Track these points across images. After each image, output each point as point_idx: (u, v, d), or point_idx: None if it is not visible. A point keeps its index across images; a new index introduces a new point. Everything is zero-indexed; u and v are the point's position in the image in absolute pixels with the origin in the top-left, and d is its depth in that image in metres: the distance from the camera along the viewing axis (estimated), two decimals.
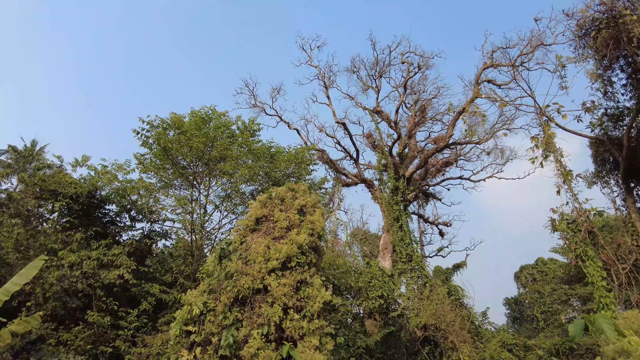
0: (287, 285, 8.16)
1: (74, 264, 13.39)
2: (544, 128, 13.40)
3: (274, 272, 8.44)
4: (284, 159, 16.36)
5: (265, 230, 9.61)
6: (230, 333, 7.35)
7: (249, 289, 8.05)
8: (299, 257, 8.88)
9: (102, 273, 13.79)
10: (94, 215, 15.85)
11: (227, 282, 8.20)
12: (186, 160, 15.98)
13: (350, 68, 36.65)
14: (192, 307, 8.08)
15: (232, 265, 8.38)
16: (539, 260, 47.40)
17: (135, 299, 14.59)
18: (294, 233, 9.07)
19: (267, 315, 7.68)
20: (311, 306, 8.08)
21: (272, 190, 10.44)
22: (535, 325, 42.60)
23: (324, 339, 7.80)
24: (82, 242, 14.50)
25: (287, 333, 7.69)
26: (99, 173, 15.69)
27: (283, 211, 9.76)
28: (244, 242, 9.55)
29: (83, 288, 13.33)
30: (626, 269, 10.59)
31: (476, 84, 30.75)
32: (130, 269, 13.99)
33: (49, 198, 14.62)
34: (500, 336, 26.89)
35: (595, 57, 12.15)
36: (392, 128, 35.55)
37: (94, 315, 12.75)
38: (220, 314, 7.76)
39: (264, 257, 8.49)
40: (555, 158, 12.78)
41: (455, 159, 37.97)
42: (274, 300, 8.00)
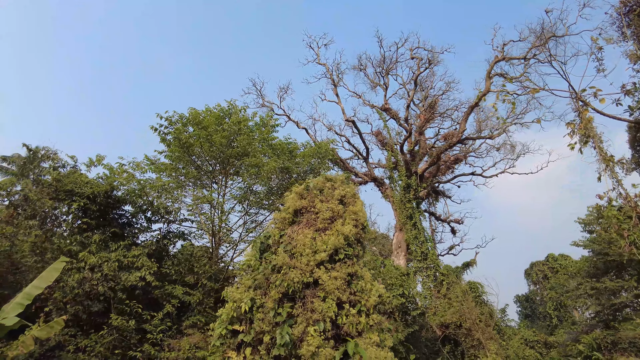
0: (338, 278, 7.61)
1: (95, 266, 12.79)
2: (581, 113, 12.86)
3: (323, 264, 7.89)
4: (307, 154, 15.83)
5: (306, 222, 9.06)
6: (286, 331, 6.78)
7: (299, 282, 7.49)
8: (346, 249, 8.34)
9: (123, 275, 13.19)
10: (110, 216, 15.26)
11: (274, 276, 7.64)
12: (206, 157, 15.40)
13: (357, 66, 36.24)
14: (238, 304, 7.50)
15: (278, 258, 7.83)
16: (549, 256, 46.95)
17: (157, 301, 13.99)
18: (339, 224, 8.53)
19: (321, 310, 7.12)
20: (366, 300, 7.53)
21: (310, 181, 9.90)
22: (549, 322, 42.13)
23: (382, 335, 7.24)
24: (101, 244, 13.91)
25: (344, 329, 7.13)
26: (115, 172, 15.10)
27: (323, 202, 9.22)
28: (283, 235, 9.00)
29: (104, 291, 12.72)
30: None
31: (488, 78, 30.36)
32: (151, 270, 13.40)
33: (65, 199, 14.03)
34: (521, 333, 26.36)
35: (637, 36, 11.68)
36: (402, 125, 35.11)
37: (118, 319, 12.13)
38: (270, 310, 7.20)
39: (311, 249, 7.94)
40: (596, 143, 12.26)
41: (465, 156, 37.54)
42: (326, 294, 7.45)
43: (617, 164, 12.09)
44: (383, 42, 35.15)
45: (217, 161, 16.12)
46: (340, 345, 6.93)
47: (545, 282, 44.93)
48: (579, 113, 12.99)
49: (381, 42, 34.20)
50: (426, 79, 36.80)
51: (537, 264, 47.12)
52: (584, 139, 12.57)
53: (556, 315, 42.01)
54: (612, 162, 11.94)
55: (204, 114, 14.97)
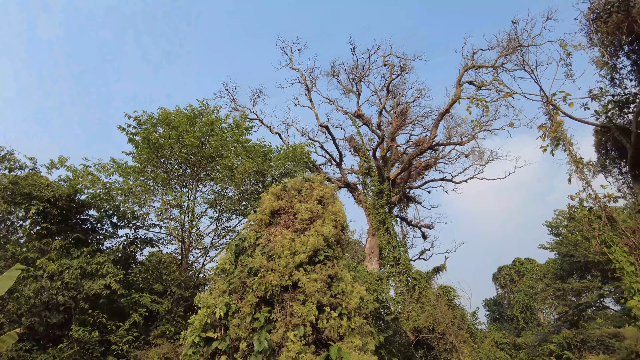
0: (318, 280, 7.31)
1: (55, 274, 11.95)
2: (552, 116, 13.18)
3: (302, 267, 7.58)
4: (282, 156, 15.49)
5: (284, 223, 8.73)
6: (264, 336, 6.41)
7: (277, 286, 7.14)
8: (325, 251, 8.07)
9: (86, 283, 12.40)
10: (73, 221, 14.38)
11: (251, 279, 7.26)
12: (177, 159, 14.79)
13: (331, 72, 36.36)
14: (212, 310, 7.07)
15: (255, 260, 7.45)
16: (516, 260, 48.28)
17: (123, 311, 13.23)
18: (318, 224, 8.26)
19: (301, 314, 6.79)
20: (347, 303, 7.26)
21: (287, 182, 9.59)
22: (516, 324, 43.20)
23: (364, 338, 6.98)
24: (62, 251, 13.06)
25: (325, 333, 6.82)
26: (79, 175, 14.27)
27: (302, 202, 8.92)
28: (260, 237, 8.64)
29: (65, 300, 11.89)
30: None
31: (458, 85, 31.04)
32: (117, 277, 12.67)
33: (23, 202, 13.11)
34: (492, 336, 26.77)
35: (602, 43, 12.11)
36: (374, 132, 35.38)
37: (79, 331, 11.34)
38: (247, 315, 6.81)
39: (290, 251, 7.61)
40: (566, 146, 12.57)
41: (435, 162, 38.16)
42: (305, 297, 7.13)
43: (586, 167, 12.38)
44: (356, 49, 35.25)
45: (188, 163, 15.56)
46: (322, 350, 6.62)
47: (513, 286, 46.11)
48: (550, 116, 13.29)
49: (354, 49, 34.34)
50: (398, 86, 37.30)
51: (505, 268, 48.34)
52: (555, 142, 12.86)
53: (523, 318, 43.15)
54: (582, 165, 12.22)
55: (175, 115, 14.40)
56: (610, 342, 13.85)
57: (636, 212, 12.31)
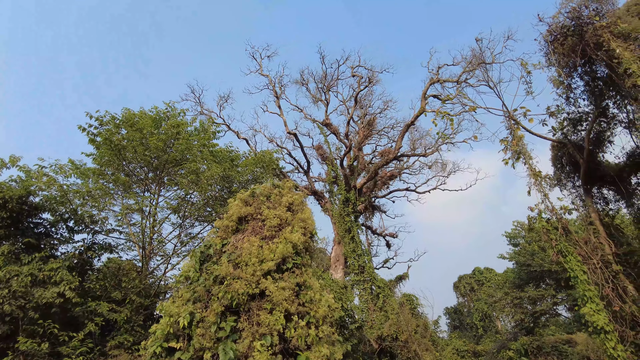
0: (286, 288, 7.20)
1: (1, 281, 11.18)
2: (514, 131, 13.70)
3: (269, 274, 7.45)
4: (250, 162, 15.26)
5: (252, 230, 8.58)
6: (229, 346, 6.22)
7: (244, 294, 6.97)
8: (294, 258, 7.98)
9: (37, 292, 11.67)
10: (24, 224, 13.56)
11: (217, 287, 7.04)
12: (139, 162, 14.25)
13: (300, 80, 36.44)
14: (175, 319, 6.80)
15: (221, 268, 7.25)
16: (475, 269, 49.77)
17: (77, 320, 12.52)
18: (287, 232, 8.16)
19: (268, 323, 6.65)
20: (315, 311, 7.18)
21: (256, 187, 9.45)
22: (475, 332, 44.41)
23: (332, 347, 6.91)
24: (10, 256, 12.25)
25: (292, 343, 6.71)
26: (33, 175, 13.49)
27: (270, 209, 8.80)
28: (227, 244, 8.44)
29: (11, 310, 11.12)
30: (599, 264, 10.94)
31: (423, 98, 31.84)
32: (72, 285, 12.00)
33: None
34: (453, 344, 27.34)
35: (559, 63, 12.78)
36: (342, 141, 35.72)
37: (27, 342, 10.62)
38: (212, 324, 6.59)
39: (257, 258, 7.47)
40: (526, 159, 13.09)
41: (400, 172, 38.91)
42: (273, 306, 6.99)
43: (544, 180, 12.92)
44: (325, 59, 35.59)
45: (151, 167, 15.04)
46: (290, 359, 6.50)
47: (473, 295, 47.46)
48: (511, 131, 13.79)
49: (323, 59, 34.64)
50: (365, 97, 37.87)
51: (465, 277, 49.70)
52: (515, 155, 13.36)
53: (482, 326, 44.42)
54: (540, 178, 12.75)
55: (139, 116, 13.91)
56: (563, 348, 14.47)
57: (587, 224, 12.99)
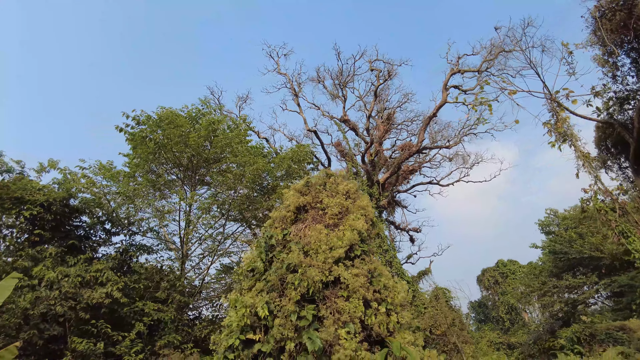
0: (360, 275, 6.98)
1: (53, 282, 11.13)
2: (557, 113, 13.33)
3: (340, 262, 7.24)
4: (285, 157, 15.08)
5: (312, 219, 8.38)
6: (315, 335, 6.01)
7: (319, 282, 6.76)
8: (361, 245, 7.77)
9: (85, 292, 11.60)
10: (66, 227, 13.53)
11: (291, 275, 6.84)
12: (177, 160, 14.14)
13: (316, 78, 36.20)
14: (251, 310, 6.61)
15: (292, 256, 7.06)
16: (499, 262, 49.09)
17: (124, 320, 12.44)
18: (351, 219, 7.94)
19: (348, 311, 6.44)
20: (392, 298, 6.95)
21: (311, 177, 9.25)
22: (501, 325, 43.81)
23: (414, 333, 6.68)
24: (57, 258, 12.22)
25: (374, 330, 6.48)
26: (73, 176, 13.46)
27: (330, 197, 8.59)
28: (287, 234, 8.25)
29: (64, 311, 11.06)
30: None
31: (444, 90, 31.49)
32: (119, 285, 11.92)
33: (12, 207, 12.22)
34: (487, 336, 26.91)
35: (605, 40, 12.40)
36: (361, 136, 35.49)
37: (82, 343, 10.55)
38: (292, 313, 6.39)
39: (327, 246, 7.26)
40: (573, 141, 12.72)
41: (420, 166, 38.52)
42: (349, 293, 6.78)
43: (593, 161, 12.53)
44: (341, 55, 35.11)
45: (190, 165, 14.88)
46: (374, 347, 6.28)
47: (497, 287, 46.81)
48: (555, 113, 13.41)
49: (339, 55, 34.30)
50: (381, 92, 37.55)
51: (488, 270, 49.05)
52: (561, 137, 12.98)
53: (508, 319, 43.81)
54: (589, 159, 12.36)
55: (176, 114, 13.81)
56: (618, 335, 14.06)
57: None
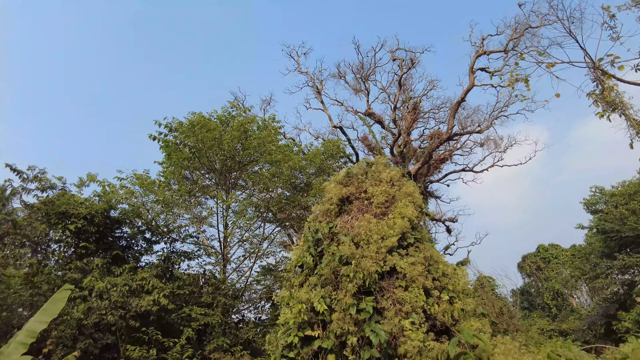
0: (417, 264, 6.65)
1: (103, 293, 11.28)
2: (602, 82, 12.55)
3: (394, 251, 6.92)
4: (317, 152, 14.87)
5: (358, 209, 8.10)
6: (378, 328, 5.73)
7: (375, 272, 6.47)
8: (412, 233, 7.42)
9: (133, 301, 11.71)
10: (109, 238, 13.75)
11: (345, 268, 6.58)
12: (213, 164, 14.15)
13: (337, 74, 35.83)
14: (307, 305, 6.39)
15: (344, 248, 6.79)
16: (540, 247, 47.38)
17: (172, 326, 12.51)
18: (400, 206, 7.61)
19: (409, 300, 6.12)
20: (453, 285, 6.59)
21: (351, 168, 8.98)
22: (548, 312, 42.17)
23: (480, 321, 6.29)
24: (103, 269, 12.41)
25: (438, 319, 6.14)
26: (111, 188, 13.66)
27: (374, 186, 8.29)
28: (332, 227, 7.99)
29: (115, 320, 11.19)
30: None
31: (471, 73, 30.55)
32: (165, 292, 11.98)
33: (58, 222, 12.49)
34: (537, 324, 25.94)
35: None
36: (387, 129, 34.90)
37: (135, 350, 10.64)
38: (350, 306, 6.13)
39: (379, 235, 6.96)
40: (624, 110, 11.95)
41: (450, 154, 37.63)
42: (407, 283, 6.46)
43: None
44: (360, 49, 34.60)
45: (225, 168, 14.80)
46: (441, 337, 5.95)
47: (540, 273, 45.19)
48: (600, 82, 12.67)
49: (358, 49, 33.82)
50: (405, 81, 36.86)
51: (529, 256, 47.41)
52: (609, 107, 12.24)
53: (554, 305, 42.17)
54: None
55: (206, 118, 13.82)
56: None
57: None
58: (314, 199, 13.50)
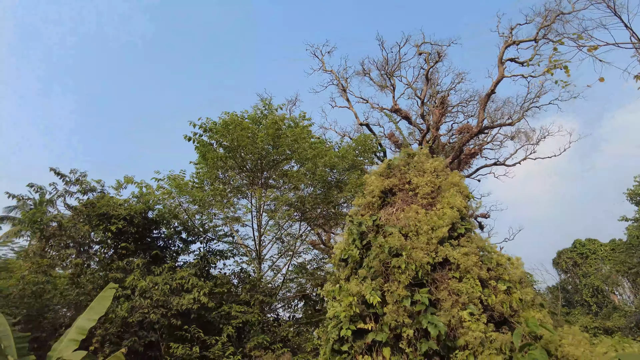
0: (470, 254, 6.41)
1: (145, 291, 11.46)
2: None
3: (445, 242, 6.71)
4: (351, 147, 14.71)
5: (402, 201, 7.90)
6: (435, 319, 5.53)
7: (427, 264, 6.27)
8: (462, 223, 7.18)
9: (174, 299, 11.84)
10: (147, 239, 13.99)
11: (396, 259, 6.41)
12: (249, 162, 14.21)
13: (361, 71, 35.56)
14: (358, 298, 6.25)
15: (393, 239, 6.61)
16: (576, 242, 45.67)
17: (211, 324, 12.59)
18: (448, 196, 7.37)
19: (466, 291, 5.89)
20: (509, 275, 6.32)
21: (392, 159, 8.79)
22: (587, 309, 40.55)
23: (540, 311, 6.01)
24: (143, 269, 12.60)
25: (497, 309, 5.89)
26: (149, 189, 13.88)
27: (418, 177, 8.08)
28: (376, 220, 7.82)
29: (158, 319, 11.33)
30: None
31: (500, 64, 29.78)
32: (205, 290, 12.06)
33: (100, 223, 12.77)
34: (580, 321, 24.98)
35: None
36: (414, 125, 34.38)
37: (179, 348, 10.73)
38: (404, 298, 5.95)
39: (428, 226, 6.75)
40: None
41: (480, 149, 36.77)
42: (462, 274, 6.23)
43: None
44: (384, 44, 34.25)
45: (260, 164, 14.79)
46: (501, 328, 5.70)
47: (577, 270, 43.52)
48: None
49: (382, 45, 33.48)
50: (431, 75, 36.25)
51: (565, 252, 45.70)
52: None
53: (595, 302, 40.53)
54: None
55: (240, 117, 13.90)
56: None
57: None
58: (349, 194, 13.35)
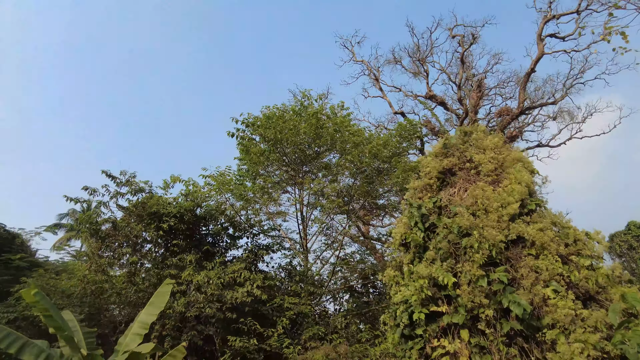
0: (546, 229, 6.04)
1: (201, 286, 11.63)
2: None
3: (516, 219, 6.36)
4: (395, 134, 14.39)
5: (464, 180, 7.58)
6: (519, 297, 5.23)
7: (501, 242, 5.95)
8: (531, 199, 6.80)
9: (228, 293, 11.95)
10: (197, 236, 14.21)
11: (467, 239, 6.12)
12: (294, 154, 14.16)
13: (392, 59, 34.89)
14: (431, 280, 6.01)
15: (461, 219, 6.33)
16: (630, 224, 43.12)
17: (265, 317, 12.63)
18: (515, 171, 7.00)
19: (545, 268, 5.54)
20: (590, 250, 5.91)
21: (449, 138, 8.46)
22: None
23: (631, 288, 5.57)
24: (196, 265, 12.80)
25: (580, 286, 5.52)
26: (195, 187, 14.08)
27: (478, 154, 7.73)
28: (437, 201, 7.53)
29: (213, 312, 11.47)
30: None
31: (539, 41, 28.41)
32: (257, 283, 12.10)
33: (151, 222, 13.07)
34: None
35: None
36: (450, 110, 33.39)
37: (237, 341, 10.82)
38: (480, 278, 5.67)
39: (498, 203, 6.41)
40: None
41: (520, 131, 35.34)
42: (538, 250, 5.88)
43: None
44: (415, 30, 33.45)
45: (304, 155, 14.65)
46: (589, 303, 5.34)
47: (633, 253, 41.22)
48: None
49: (413, 31, 32.70)
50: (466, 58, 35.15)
51: (618, 235, 43.31)
52: None
53: None
54: None
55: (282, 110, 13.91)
56: None
57: None
58: (398, 180, 13.05)
